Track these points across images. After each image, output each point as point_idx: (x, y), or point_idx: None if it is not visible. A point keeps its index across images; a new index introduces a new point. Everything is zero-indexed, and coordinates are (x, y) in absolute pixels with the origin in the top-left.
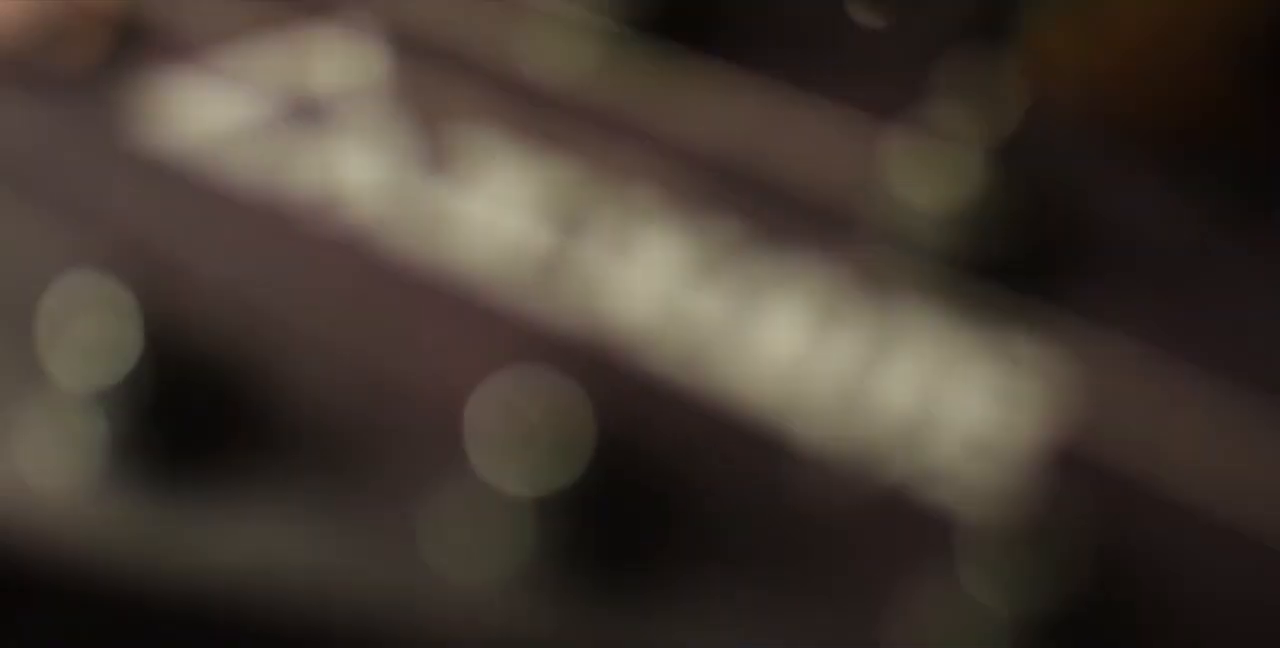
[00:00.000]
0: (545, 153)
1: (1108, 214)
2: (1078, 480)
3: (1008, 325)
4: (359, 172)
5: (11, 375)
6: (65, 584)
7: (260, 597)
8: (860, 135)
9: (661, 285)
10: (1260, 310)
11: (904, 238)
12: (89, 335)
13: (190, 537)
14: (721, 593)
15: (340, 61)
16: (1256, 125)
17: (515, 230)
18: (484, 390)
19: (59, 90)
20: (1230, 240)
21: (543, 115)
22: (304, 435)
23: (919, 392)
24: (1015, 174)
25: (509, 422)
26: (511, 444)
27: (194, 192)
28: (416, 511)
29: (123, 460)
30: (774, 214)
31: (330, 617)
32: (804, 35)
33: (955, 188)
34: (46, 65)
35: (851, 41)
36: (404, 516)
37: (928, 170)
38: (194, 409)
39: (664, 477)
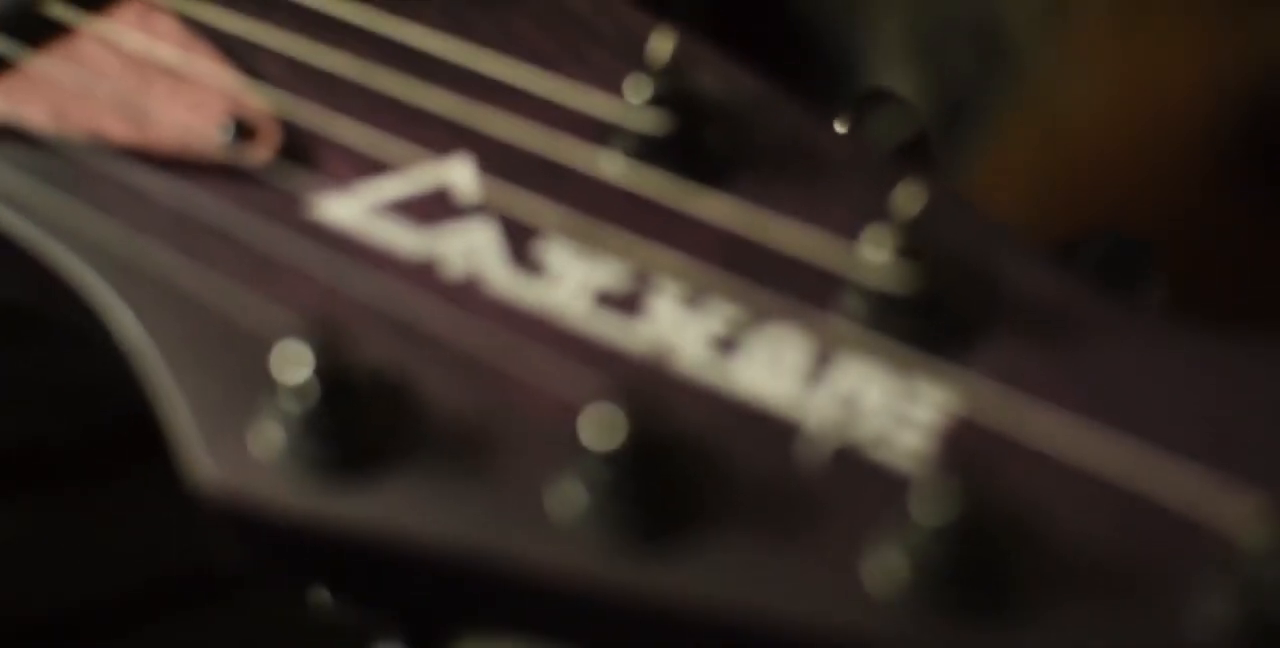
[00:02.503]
0: (597, 241)
1: (1008, 289)
2: (973, 448)
3: (928, 361)
4: (475, 243)
5: (251, 392)
6: (277, 528)
7: (414, 548)
8: (830, 235)
9: (693, 332)
10: (1119, 361)
11: (858, 306)
12: (289, 365)
13: (357, 501)
14: (738, 536)
15: (450, 172)
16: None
17: (586, 288)
18: (582, 404)
19: (241, 182)
20: (1099, 308)
21: (593, 217)
22: (445, 435)
23: (872, 398)
24: (935, 259)
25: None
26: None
27: (354, 255)
28: (533, 487)
29: (317, 450)
30: (768, 289)
31: (471, 564)
32: (787, 157)
33: (899, 271)
34: (228, 163)
35: (825, 159)
36: (523, 490)
37: (878, 258)
38: (364, 415)
39: (695, 452)
